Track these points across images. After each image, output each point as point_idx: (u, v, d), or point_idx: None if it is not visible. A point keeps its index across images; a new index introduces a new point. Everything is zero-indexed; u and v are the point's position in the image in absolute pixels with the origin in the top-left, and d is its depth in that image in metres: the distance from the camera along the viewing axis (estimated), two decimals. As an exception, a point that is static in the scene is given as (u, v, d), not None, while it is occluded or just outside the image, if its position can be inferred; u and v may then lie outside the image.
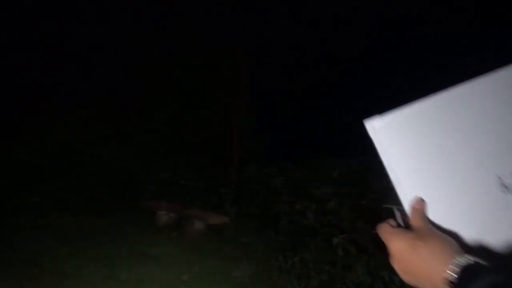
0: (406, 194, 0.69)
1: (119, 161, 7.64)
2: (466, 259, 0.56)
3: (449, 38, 7.73)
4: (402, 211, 0.71)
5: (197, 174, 7.53)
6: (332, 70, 9.08)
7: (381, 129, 0.72)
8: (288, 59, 9.76)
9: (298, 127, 9.42)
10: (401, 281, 0.68)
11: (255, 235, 5.88)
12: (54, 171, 7.31)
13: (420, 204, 0.67)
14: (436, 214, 0.67)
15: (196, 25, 8.41)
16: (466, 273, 0.54)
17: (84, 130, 7.93)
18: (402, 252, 0.63)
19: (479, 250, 0.63)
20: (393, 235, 0.66)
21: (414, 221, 0.66)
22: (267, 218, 6.25)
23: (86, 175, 7.37)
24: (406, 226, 0.69)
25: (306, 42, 9.15)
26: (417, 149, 0.71)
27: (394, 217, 0.73)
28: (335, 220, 5.60)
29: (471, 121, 0.70)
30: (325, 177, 6.47)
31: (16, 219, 6.16)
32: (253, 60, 8.39)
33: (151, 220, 6.63)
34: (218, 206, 6.59)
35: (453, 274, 0.55)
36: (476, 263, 0.56)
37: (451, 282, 0.55)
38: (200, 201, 6.85)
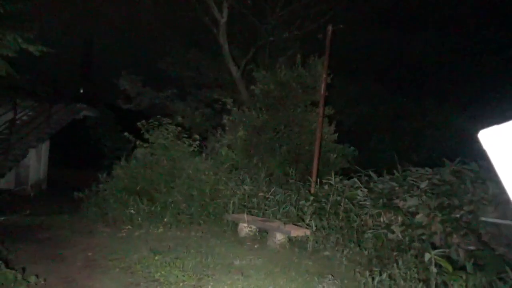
0: None
1: (204, 175, 8.01)
2: None
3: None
4: None
5: (277, 186, 7.59)
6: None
7: (496, 139, 0.75)
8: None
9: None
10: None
11: (338, 248, 5.73)
12: (146, 186, 7.92)
13: None
14: None
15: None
16: None
17: (170, 146, 8.49)
18: None
19: None
20: None
21: None
22: (349, 231, 6.06)
23: (174, 189, 7.86)
24: None
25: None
26: None
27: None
28: (425, 234, 5.22)
29: None
30: (412, 188, 6.08)
31: (115, 229, 6.80)
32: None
33: (234, 232, 6.83)
34: (298, 219, 6.56)
35: None
36: None
37: None
38: (281, 213, 6.89)
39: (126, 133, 8.55)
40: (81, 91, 14.96)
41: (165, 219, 7.06)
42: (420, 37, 11.44)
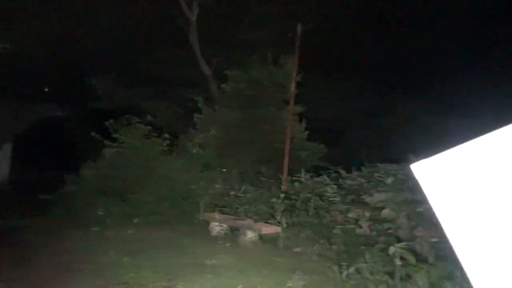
0: (450, 231, 0.78)
1: (175, 174, 7.96)
2: None
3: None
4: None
5: (249, 185, 7.63)
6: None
7: (426, 171, 0.81)
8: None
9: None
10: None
11: (308, 244, 5.83)
12: (115, 186, 7.79)
13: None
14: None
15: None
16: None
17: (140, 145, 8.38)
18: None
19: None
20: None
21: None
22: (319, 227, 6.18)
23: (145, 189, 7.76)
24: None
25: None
26: (459, 190, 0.78)
27: None
28: (391, 229, 5.39)
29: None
30: (379, 183, 6.25)
31: (83, 232, 6.66)
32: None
33: (206, 231, 6.83)
34: (270, 216, 6.63)
35: None
36: None
37: None
38: (252, 211, 6.94)
39: (93, 133, 8.36)
40: (49, 89, 14.48)
41: (136, 220, 6.97)
42: (392, 34, 11.73)
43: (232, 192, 7.40)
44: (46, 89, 13.74)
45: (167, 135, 8.54)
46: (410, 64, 12.47)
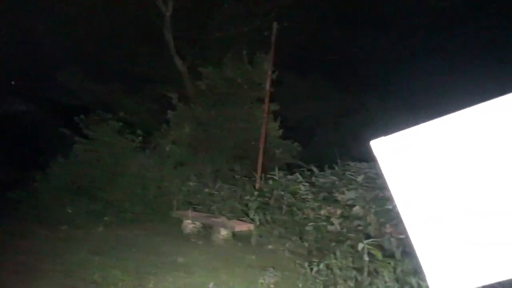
0: (403, 208, 0.80)
1: (148, 172, 7.85)
2: None
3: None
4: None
5: (223, 182, 7.62)
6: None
7: (384, 148, 0.85)
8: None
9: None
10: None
11: (281, 242, 5.89)
12: (85, 183, 7.61)
13: None
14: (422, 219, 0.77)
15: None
16: None
17: (112, 142, 8.21)
18: None
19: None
20: None
21: None
22: (292, 224, 6.24)
23: (117, 186, 7.62)
24: None
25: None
26: (419, 167, 0.81)
27: None
28: (361, 225, 5.51)
29: (462, 144, 0.78)
30: (350, 181, 6.38)
31: (51, 231, 6.47)
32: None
33: (178, 229, 6.78)
34: (243, 214, 6.65)
35: None
36: None
37: None
38: (225, 209, 6.93)
39: (62, 129, 8.13)
40: (16, 84, 13.93)
41: (106, 218, 6.84)
42: (365, 34, 11.93)
43: (206, 190, 7.36)
44: (13, 82, 13.23)
45: (140, 132, 8.41)
46: (381, 63, 12.75)
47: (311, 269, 4.58)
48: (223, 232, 6.12)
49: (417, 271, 4.25)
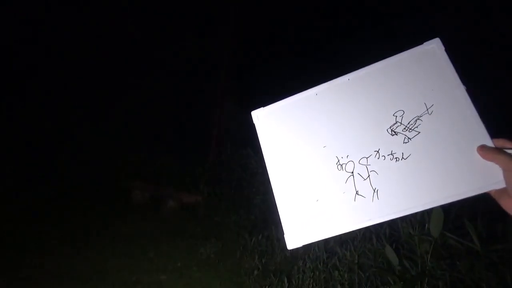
0: (274, 176, 0.87)
1: (98, 143, 7.64)
2: None
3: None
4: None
5: (174, 154, 7.55)
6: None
7: (262, 118, 0.89)
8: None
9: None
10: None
11: (228, 214, 5.94)
12: (29, 153, 7.31)
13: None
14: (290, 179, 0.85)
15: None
16: None
17: (61, 113, 7.90)
18: None
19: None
20: None
21: None
22: (240, 197, 6.30)
23: (64, 156, 7.38)
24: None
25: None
26: (287, 134, 0.87)
27: None
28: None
29: (326, 113, 0.86)
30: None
31: None
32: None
33: (127, 200, 6.69)
34: (193, 186, 6.64)
35: None
36: None
37: None
38: (176, 181, 6.90)
39: None
40: None
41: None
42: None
43: (158, 161, 7.28)
44: None
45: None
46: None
47: (251, 240, 4.67)
48: (171, 203, 6.10)
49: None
